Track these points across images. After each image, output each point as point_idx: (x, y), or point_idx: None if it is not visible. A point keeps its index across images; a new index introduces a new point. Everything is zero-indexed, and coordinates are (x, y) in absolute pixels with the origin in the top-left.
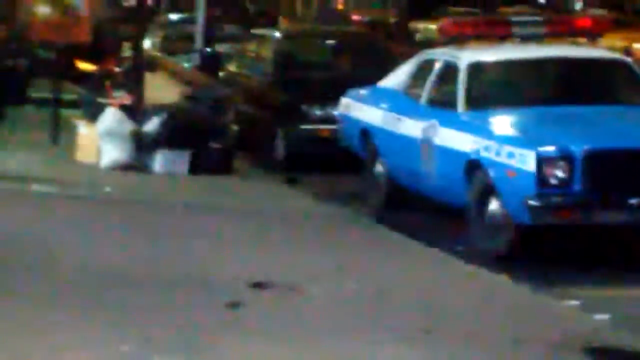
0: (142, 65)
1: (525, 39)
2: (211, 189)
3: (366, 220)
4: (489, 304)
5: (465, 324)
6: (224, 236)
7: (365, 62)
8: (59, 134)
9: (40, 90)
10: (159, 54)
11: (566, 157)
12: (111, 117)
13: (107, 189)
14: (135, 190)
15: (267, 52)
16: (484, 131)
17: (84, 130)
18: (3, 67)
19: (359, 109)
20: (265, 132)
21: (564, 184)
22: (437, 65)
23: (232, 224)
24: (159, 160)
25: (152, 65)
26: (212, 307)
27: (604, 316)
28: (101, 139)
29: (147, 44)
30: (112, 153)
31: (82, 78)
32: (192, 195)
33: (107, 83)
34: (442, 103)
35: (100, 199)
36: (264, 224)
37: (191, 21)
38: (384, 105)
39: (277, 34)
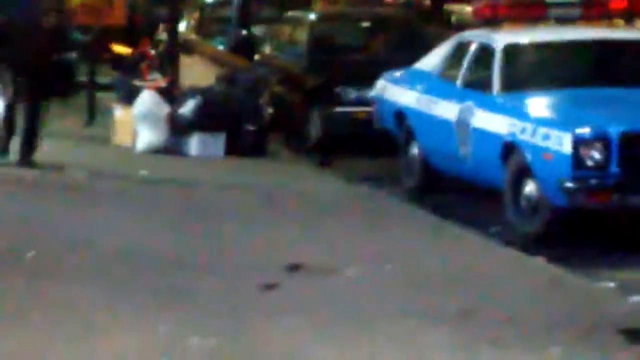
0: (177, 47)
1: (560, 20)
2: (246, 171)
3: (401, 203)
4: (524, 287)
5: (501, 307)
6: (257, 218)
7: (401, 44)
8: (95, 117)
9: (78, 74)
10: (194, 37)
11: (602, 138)
12: (147, 100)
13: (143, 171)
14: (171, 173)
15: (302, 34)
16: (519, 113)
17: (120, 114)
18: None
19: (394, 91)
20: (299, 114)
21: (600, 166)
22: (473, 48)
23: (266, 206)
24: (194, 143)
25: (187, 47)
26: (247, 290)
27: (639, 298)
28: (137, 122)
29: (182, 26)
30: (147, 136)
31: (118, 61)
32: (227, 177)
33: (143, 66)
34: (477, 85)
35: (136, 182)
36: (298, 206)
37: (227, 3)
38: (419, 88)
39: (312, 16)
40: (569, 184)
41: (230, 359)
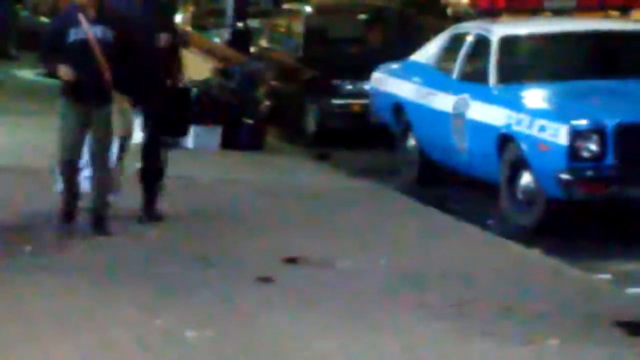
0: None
1: (557, 12)
2: (242, 164)
3: (398, 195)
4: (520, 278)
5: (497, 298)
6: (255, 211)
7: (397, 36)
8: None
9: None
10: (190, 30)
11: (598, 130)
12: None
13: (138, 164)
14: (167, 165)
15: (298, 27)
16: (516, 105)
17: (116, 106)
18: None
19: (390, 83)
20: (296, 107)
21: (596, 157)
22: (469, 39)
23: (263, 199)
24: (191, 136)
25: (183, 41)
26: (244, 282)
27: (636, 290)
28: (132, 115)
29: (177, 19)
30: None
31: None
32: (223, 170)
33: None
34: (474, 77)
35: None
36: (295, 199)
37: None
38: (415, 80)
39: (308, 9)
40: (565, 176)
41: (227, 351)
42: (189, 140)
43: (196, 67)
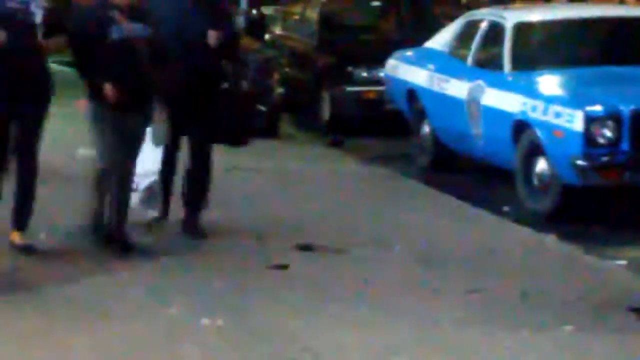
0: None
1: None
2: (256, 151)
3: (413, 182)
4: (535, 264)
5: (513, 285)
6: (268, 198)
7: (411, 23)
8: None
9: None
10: None
11: (614, 116)
12: None
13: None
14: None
15: (312, 14)
16: (530, 91)
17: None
18: None
19: (405, 70)
20: (310, 94)
21: (612, 143)
22: (483, 26)
23: (276, 187)
24: None
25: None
26: (258, 270)
27: None
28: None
29: None
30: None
31: None
32: (238, 158)
33: None
34: (488, 64)
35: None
36: (309, 186)
37: None
38: (430, 66)
39: None
40: (581, 162)
41: (239, 339)
42: None
43: None
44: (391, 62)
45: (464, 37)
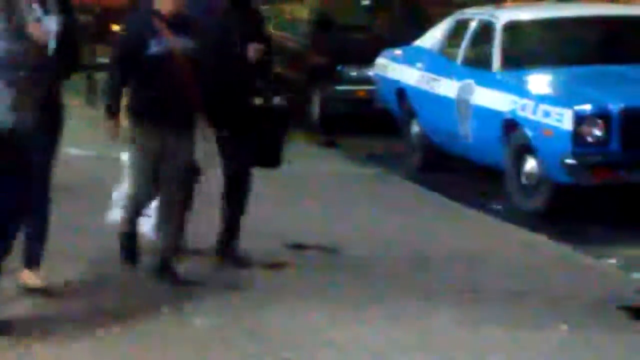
0: None
1: None
2: None
3: (403, 181)
4: (528, 264)
5: (505, 284)
6: (260, 198)
7: (401, 22)
8: (95, 98)
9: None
10: None
11: (603, 115)
12: None
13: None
14: None
15: (302, 13)
16: (520, 90)
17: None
18: None
19: (394, 69)
20: (301, 93)
21: (601, 142)
22: (473, 25)
23: (268, 186)
24: None
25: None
26: (253, 269)
27: None
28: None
29: None
30: None
31: None
32: None
33: None
34: (478, 62)
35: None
36: (301, 185)
37: None
38: (419, 65)
39: None
40: (570, 161)
41: (234, 339)
42: None
43: None
44: (380, 61)
45: (454, 36)
